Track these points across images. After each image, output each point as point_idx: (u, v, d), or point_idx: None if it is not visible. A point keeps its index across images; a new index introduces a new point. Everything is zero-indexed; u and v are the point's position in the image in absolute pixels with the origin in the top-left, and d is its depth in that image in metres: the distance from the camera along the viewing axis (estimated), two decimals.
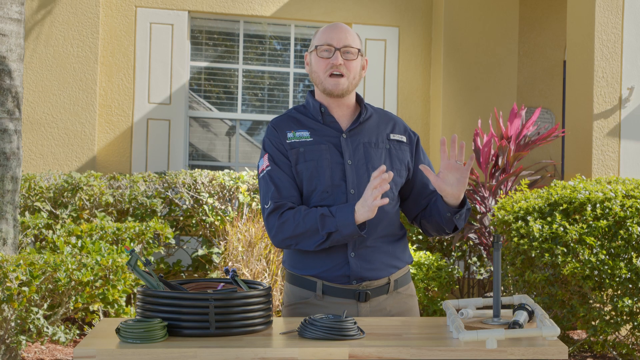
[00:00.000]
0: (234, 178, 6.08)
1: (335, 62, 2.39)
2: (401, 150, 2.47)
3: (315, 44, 2.44)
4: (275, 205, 2.34)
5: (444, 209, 2.38)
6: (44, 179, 5.87)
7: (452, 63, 7.14)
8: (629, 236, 4.37)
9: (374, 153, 2.42)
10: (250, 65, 7.41)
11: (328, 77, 2.40)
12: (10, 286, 4.12)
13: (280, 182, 2.37)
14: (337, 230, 2.27)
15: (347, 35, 2.42)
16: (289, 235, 2.32)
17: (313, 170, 2.37)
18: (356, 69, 2.43)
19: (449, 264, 5.61)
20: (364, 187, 2.36)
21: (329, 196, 2.37)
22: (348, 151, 2.40)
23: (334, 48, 2.40)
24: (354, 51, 2.42)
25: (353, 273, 2.35)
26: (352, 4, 7.32)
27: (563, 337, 4.94)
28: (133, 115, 6.91)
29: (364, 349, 1.88)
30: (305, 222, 2.29)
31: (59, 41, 6.71)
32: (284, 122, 2.46)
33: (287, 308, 2.47)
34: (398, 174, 2.44)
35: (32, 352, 4.93)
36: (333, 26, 2.46)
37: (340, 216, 2.27)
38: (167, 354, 1.82)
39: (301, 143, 2.40)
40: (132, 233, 5.29)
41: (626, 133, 5.83)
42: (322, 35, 2.44)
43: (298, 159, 2.39)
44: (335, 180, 2.37)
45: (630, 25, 5.84)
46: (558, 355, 1.91)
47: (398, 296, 2.45)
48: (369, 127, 2.47)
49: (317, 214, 2.29)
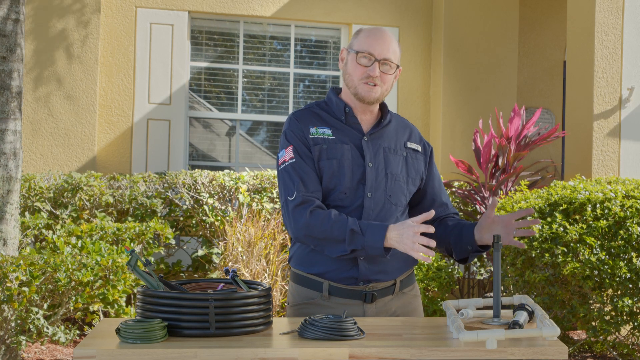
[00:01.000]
0: (234, 178, 6.08)
1: (372, 73, 2.36)
2: (417, 160, 2.48)
3: (355, 48, 2.39)
4: (304, 198, 2.30)
5: (469, 241, 2.40)
6: (44, 179, 5.87)
7: (452, 63, 7.14)
8: (629, 236, 4.37)
9: (393, 159, 2.42)
10: (251, 66, 7.41)
11: (362, 84, 2.38)
12: (10, 286, 4.12)
13: (306, 175, 2.33)
14: (363, 249, 2.24)
15: (390, 48, 2.38)
16: (315, 236, 2.29)
17: (335, 170, 2.35)
18: (390, 82, 2.41)
19: (449, 264, 5.61)
20: (381, 192, 2.37)
21: (347, 197, 2.35)
22: (369, 154, 2.39)
23: (374, 59, 2.36)
24: (393, 65, 2.39)
25: (361, 275, 2.35)
26: (352, 4, 7.32)
27: (563, 337, 4.94)
28: (133, 115, 6.91)
29: (364, 349, 1.88)
30: (334, 230, 2.25)
31: (58, 41, 6.71)
32: (307, 117, 2.42)
33: (292, 308, 2.45)
34: (412, 183, 2.45)
35: (32, 353, 4.93)
36: (377, 33, 2.40)
37: (369, 237, 2.23)
38: (167, 354, 1.82)
39: (324, 140, 2.37)
40: (132, 233, 5.29)
41: (626, 133, 5.83)
42: (365, 40, 2.39)
43: (321, 156, 2.35)
44: (354, 182, 2.36)
45: (630, 25, 5.84)
46: (558, 355, 1.91)
47: (403, 297, 2.45)
48: (389, 132, 2.47)
49: (348, 227, 2.24)
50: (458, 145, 7.07)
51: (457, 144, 7.08)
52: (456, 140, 7.09)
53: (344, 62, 2.44)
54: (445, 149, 7.05)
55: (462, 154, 6.98)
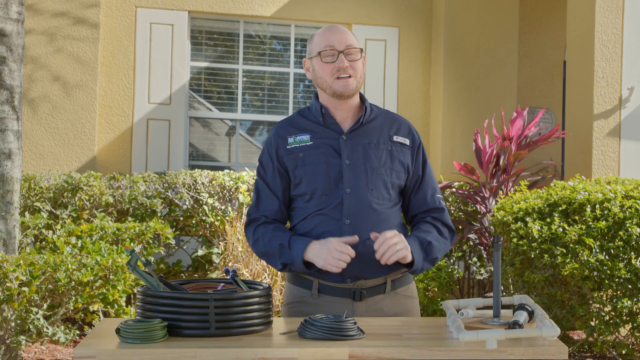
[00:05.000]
0: (234, 178, 6.08)
1: (341, 65, 2.38)
2: (402, 153, 2.46)
3: (316, 50, 2.42)
4: (251, 218, 2.46)
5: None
6: (44, 179, 5.87)
7: (452, 63, 7.14)
8: (628, 237, 4.37)
9: (373, 154, 2.41)
10: (251, 66, 7.41)
11: (336, 80, 2.39)
12: (10, 286, 4.12)
13: (262, 194, 2.46)
14: (292, 262, 2.34)
15: (347, 36, 2.41)
16: (260, 251, 2.43)
17: (311, 175, 2.39)
18: (361, 69, 2.43)
19: (449, 264, 5.61)
20: (360, 187, 2.37)
21: (328, 198, 2.38)
22: (346, 151, 2.40)
23: (337, 51, 2.38)
24: (357, 51, 2.41)
25: (347, 271, 2.35)
26: (352, 4, 7.32)
27: (563, 337, 4.94)
28: (133, 115, 6.91)
29: (364, 349, 1.88)
30: (271, 245, 2.38)
31: (58, 41, 6.71)
32: (286, 128, 2.48)
33: (285, 307, 2.50)
34: (397, 176, 2.43)
35: (32, 353, 4.93)
36: (330, 29, 2.44)
37: (294, 251, 2.33)
38: (167, 354, 1.82)
39: (301, 148, 2.42)
40: (132, 233, 5.29)
41: (626, 133, 5.83)
42: (321, 39, 2.42)
43: (297, 164, 2.41)
44: (332, 182, 2.38)
45: (630, 25, 5.84)
46: (558, 355, 1.91)
47: (396, 297, 2.44)
48: (372, 128, 2.46)
49: (278, 242, 2.36)
50: (458, 145, 7.07)
51: (457, 144, 7.08)
52: (456, 140, 7.09)
53: (310, 71, 2.47)
54: (445, 149, 7.05)
55: (462, 154, 6.98)
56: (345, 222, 2.36)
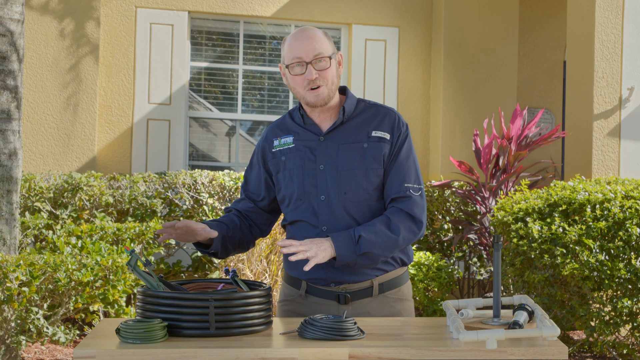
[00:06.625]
0: (234, 178, 6.08)
1: (310, 77, 2.32)
2: (379, 148, 2.37)
3: (286, 62, 2.37)
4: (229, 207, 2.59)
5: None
6: (44, 179, 5.87)
7: (452, 63, 7.14)
8: (628, 237, 4.37)
9: (349, 154, 2.36)
10: (250, 66, 7.41)
11: (307, 92, 2.35)
12: (10, 286, 4.12)
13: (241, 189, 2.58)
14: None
15: (315, 44, 2.33)
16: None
17: (288, 180, 2.40)
18: (332, 75, 2.36)
19: (449, 264, 5.61)
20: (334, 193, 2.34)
21: (303, 203, 2.38)
22: (322, 155, 2.38)
23: (305, 62, 2.32)
24: (326, 59, 2.34)
25: (330, 276, 2.35)
26: (352, 4, 7.32)
27: (563, 337, 4.94)
28: (133, 115, 6.91)
29: (364, 349, 1.88)
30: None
31: (58, 41, 6.71)
32: (274, 130, 2.50)
33: (278, 304, 2.54)
34: (374, 174, 2.36)
35: (32, 353, 4.93)
36: (297, 37, 2.36)
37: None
38: (167, 354, 1.82)
39: (283, 151, 2.43)
40: (132, 233, 5.29)
41: (626, 133, 5.83)
42: (289, 49, 2.36)
43: (279, 168, 2.43)
44: (307, 187, 2.37)
45: (630, 25, 5.84)
46: (558, 355, 1.91)
47: (384, 299, 2.40)
48: (352, 126, 2.41)
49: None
50: (458, 145, 7.07)
51: (457, 144, 7.08)
52: (456, 140, 7.09)
53: (286, 79, 2.42)
54: (445, 149, 7.05)
55: (462, 154, 6.98)
56: (323, 228, 2.35)
